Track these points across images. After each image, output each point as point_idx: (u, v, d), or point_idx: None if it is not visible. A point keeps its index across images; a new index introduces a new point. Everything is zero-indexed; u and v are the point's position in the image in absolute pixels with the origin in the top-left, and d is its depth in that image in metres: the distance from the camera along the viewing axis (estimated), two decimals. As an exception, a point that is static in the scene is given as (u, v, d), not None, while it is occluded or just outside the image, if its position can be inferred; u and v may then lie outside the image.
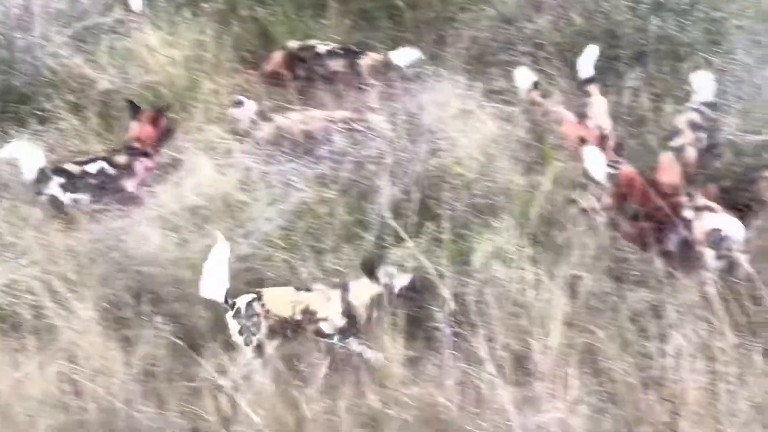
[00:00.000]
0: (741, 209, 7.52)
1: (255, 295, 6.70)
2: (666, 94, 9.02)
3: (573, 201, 7.64)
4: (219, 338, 6.60)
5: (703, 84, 8.69)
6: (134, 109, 8.48)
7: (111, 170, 8.22)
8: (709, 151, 8.43)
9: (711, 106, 8.62)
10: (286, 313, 6.69)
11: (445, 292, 6.49)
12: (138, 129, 8.39)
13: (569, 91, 9.03)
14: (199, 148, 8.29)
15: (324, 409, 6.06)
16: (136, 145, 8.32)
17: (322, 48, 9.66)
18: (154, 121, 8.42)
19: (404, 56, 9.33)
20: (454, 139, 7.81)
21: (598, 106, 8.71)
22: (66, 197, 8.03)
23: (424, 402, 6.12)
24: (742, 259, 7.09)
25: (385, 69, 9.30)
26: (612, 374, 6.40)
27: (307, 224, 7.42)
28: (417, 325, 6.70)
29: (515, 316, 6.58)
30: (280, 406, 6.11)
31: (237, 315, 6.62)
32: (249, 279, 7.07)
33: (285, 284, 6.91)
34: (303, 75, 9.54)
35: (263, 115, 8.74)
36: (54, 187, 8.03)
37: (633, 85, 9.08)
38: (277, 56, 9.68)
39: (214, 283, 6.63)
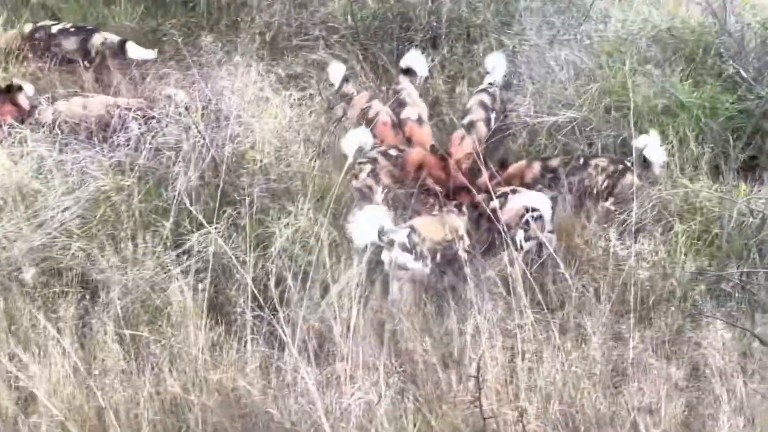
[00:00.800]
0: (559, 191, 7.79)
1: (408, 228, 7.06)
2: (459, 76, 9.20)
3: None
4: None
5: (495, 65, 8.92)
6: None
7: None
8: (501, 131, 8.66)
9: (503, 87, 8.87)
10: (439, 235, 7.08)
11: (246, 276, 6.51)
12: None
13: (365, 74, 9.14)
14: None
15: (125, 399, 6.02)
16: None
17: (54, 28, 9.56)
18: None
19: (140, 53, 9.30)
20: (250, 124, 7.82)
21: (411, 92, 8.87)
22: None
23: (227, 386, 6.14)
24: (549, 239, 7.32)
25: (120, 51, 9.27)
26: (412, 355, 6.52)
27: (105, 212, 7.34)
28: (218, 309, 6.71)
29: (318, 298, 6.66)
30: (80, 396, 6.04)
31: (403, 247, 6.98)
32: (44, 268, 6.97)
33: (82, 273, 6.87)
34: (42, 55, 9.45)
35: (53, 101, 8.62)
36: None
37: (428, 67, 9.24)
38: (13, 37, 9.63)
39: (366, 229, 6.96)
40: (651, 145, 7.83)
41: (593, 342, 6.45)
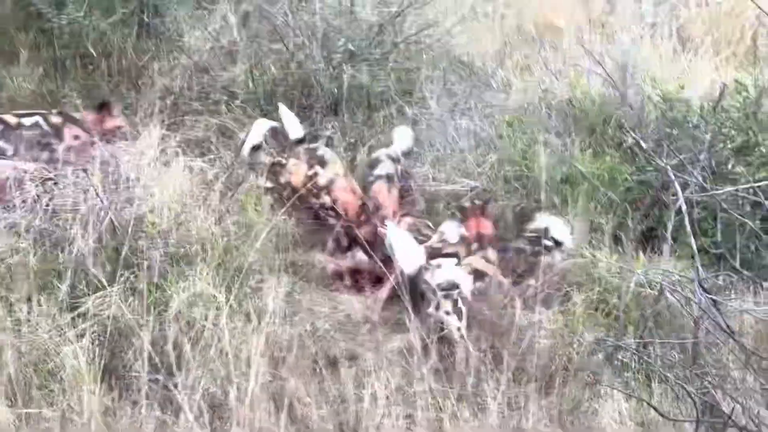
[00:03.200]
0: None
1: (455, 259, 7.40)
2: (360, 143, 9.25)
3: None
4: None
5: (401, 137, 8.98)
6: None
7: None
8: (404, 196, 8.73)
9: (406, 154, 8.93)
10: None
11: (144, 339, 6.44)
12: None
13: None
14: None
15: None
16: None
17: None
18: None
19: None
20: (150, 188, 7.77)
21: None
22: None
23: (120, 453, 6.05)
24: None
25: None
26: (308, 422, 6.49)
27: (-1, 274, 7.22)
28: (113, 373, 6.62)
29: (213, 362, 6.60)
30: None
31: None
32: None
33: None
34: None
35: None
36: None
37: (328, 134, 9.28)
38: None
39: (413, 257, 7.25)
40: (554, 226, 7.94)
41: (491, 411, 6.48)
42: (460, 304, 7.26)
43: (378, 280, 8.00)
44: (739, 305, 7.11)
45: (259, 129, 8.98)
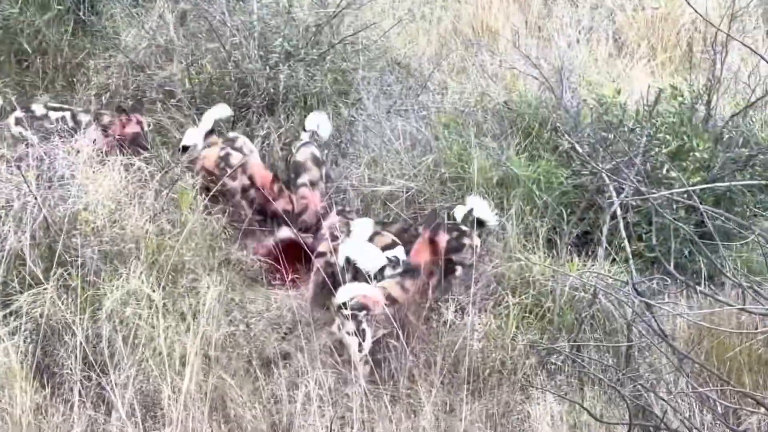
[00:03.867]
0: None
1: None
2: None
3: None
4: None
5: (319, 123, 9.00)
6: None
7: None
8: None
9: (340, 155, 8.97)
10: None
11: (76, 337, 6.38)
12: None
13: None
14: None
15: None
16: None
17: None
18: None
19: None
20: (85, 185, 7.70)
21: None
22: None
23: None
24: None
25: None
26: (241, 422, 6.48)
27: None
28: (45, 371, 6.56)
29: (147, 361, 6.56)
30: None
31: None
32: None
33: None
34: None
35: None
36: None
37: (264, 134, 9.25)
38: None
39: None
40: (477, 206, 7.97)
41: (425, 413, 6.50)
42: (364, 325, 7.19)
43: (307, 257, 8.04)
44: (673, 309, 7.18)
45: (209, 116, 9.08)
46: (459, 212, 8.08)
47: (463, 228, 7.94)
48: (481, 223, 8.00)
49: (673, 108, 8.69)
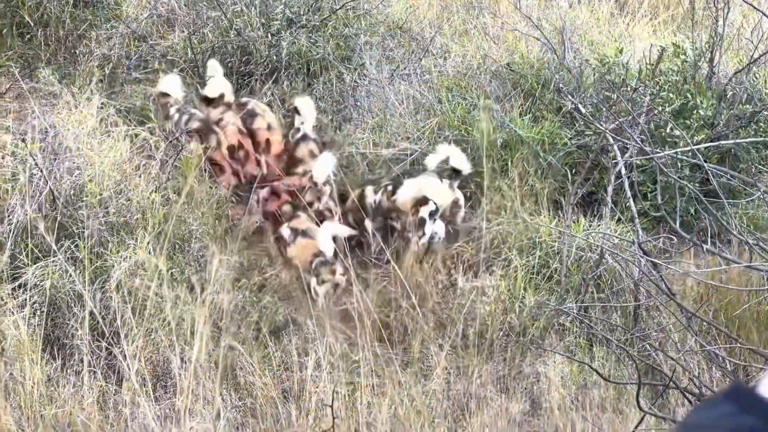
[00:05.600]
0: None
1: None
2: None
3: None
4: None
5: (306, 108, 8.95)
6: None
7: None
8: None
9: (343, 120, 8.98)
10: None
11: (85, 308, 6.41)
12: None
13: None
14: None
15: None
16: None
17: None
18: None
19: None
20: (90, 157, 7.71)
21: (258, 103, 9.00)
22: None
23: (63, 422, 6.03)
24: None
25: None
26: (252, 389, 6.51)
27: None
28: (55, 343, 6.60)
29: (156, 332, 6.59)
30: None
31: None
32: None
33: None
34: None
35: None
36: None
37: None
38: None
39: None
40: (452, 154, 7.97)
41: (435, 376, 6.53)
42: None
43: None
44: (680, 268, 7.19)
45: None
46: (432, 161, 8.05)
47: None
48: (456, 172, 7.98)
49: (675, 66, 8.67)
